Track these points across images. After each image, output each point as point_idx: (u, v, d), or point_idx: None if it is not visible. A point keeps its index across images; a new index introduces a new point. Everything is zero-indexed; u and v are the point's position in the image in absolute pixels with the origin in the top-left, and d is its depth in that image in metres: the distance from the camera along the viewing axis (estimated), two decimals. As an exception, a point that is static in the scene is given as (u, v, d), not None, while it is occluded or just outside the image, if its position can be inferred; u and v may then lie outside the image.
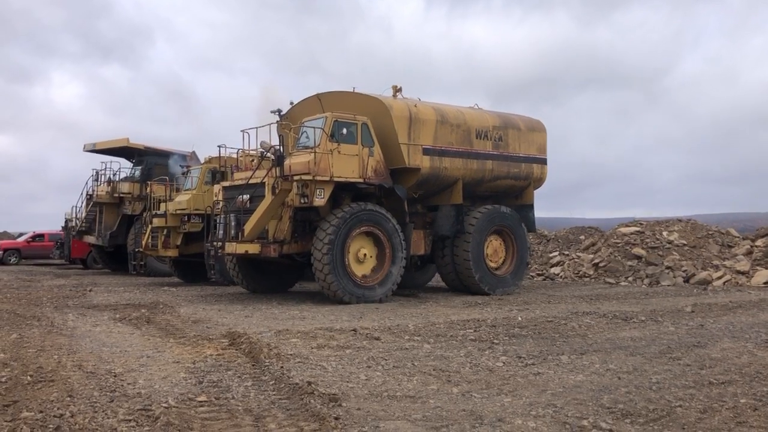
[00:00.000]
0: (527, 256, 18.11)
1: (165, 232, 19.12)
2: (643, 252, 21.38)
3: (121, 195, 24.67)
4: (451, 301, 14.75)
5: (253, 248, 14.23)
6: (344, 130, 14.51)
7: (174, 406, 5.53)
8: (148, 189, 21.28)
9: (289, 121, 15.36)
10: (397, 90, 16.45)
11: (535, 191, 18.49)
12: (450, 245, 16.53)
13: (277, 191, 13.92)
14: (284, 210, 14.49)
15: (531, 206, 18.33)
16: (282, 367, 7.09)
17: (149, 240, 19.25)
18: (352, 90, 16.07)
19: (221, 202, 15.43)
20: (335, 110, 14.92)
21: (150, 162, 25.05)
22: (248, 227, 14.20)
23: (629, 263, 21.28)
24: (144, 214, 21.07)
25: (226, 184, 15.90)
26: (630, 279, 20.53)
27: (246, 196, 14.55)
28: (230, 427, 5.07)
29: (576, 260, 23.12)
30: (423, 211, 17.02)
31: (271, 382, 6.49)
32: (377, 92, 16.09)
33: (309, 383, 6.27)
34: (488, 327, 10.34)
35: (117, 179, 25.19)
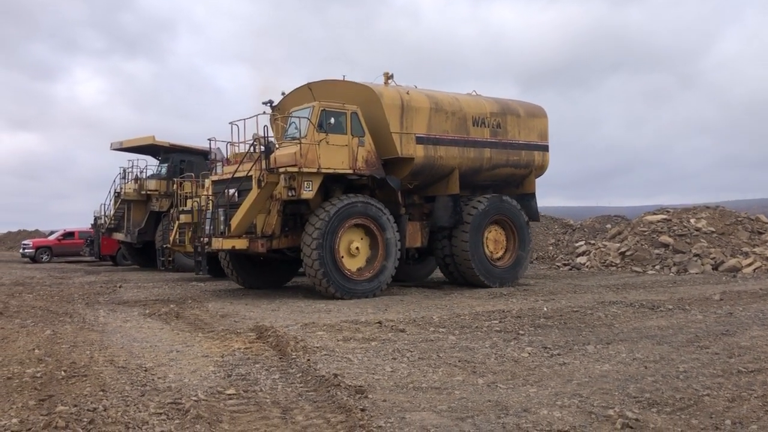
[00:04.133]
0: (530, 247, 17.52)
1: (192, 229, 19.34)
2: (670, 240, 21.15)
3: (148, 192, 24.99)
4: (476, 293, 14.74)
5: (241, 243, 13.84)
6: (332, 120, 14.05)
7: (203, 399, 5.63)
8: (175, 186, 21.52)
9: (280, 112, 15.03)
10: (388, 77, 15.93)
11: (537, 179, 17.91)
12: (448, 237, 16.07)
13: (263, 184, 13.46)
14: (272, 204, 14.09)
15: (533, 195, 17.81)
16: (308, 359, 7.18)
17: (176, 236, 19.47)
18: (342, 78, 15.53)
19: (210, 197, 15.06)
20: (327, 99, 14.50)
21: (175, 159, 25.34)
22: (234, 222, 13.81)
23: (656, 251, 21.07)
24: (171, 211, 21.33)
25: (215, 178, 15.49)
26: (657, 267, 20.33)
27: (232, 190, 14.18)
28: (258, 420, 5.15)
29: (602, 249, 22.93)
30: (420, 202, 16.62)
31: (298, 375, 6.57)
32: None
33: (335, 375, 6.34)
34: (513, 318, 10.34)
35: (144, 177, 25.52)
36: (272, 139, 14.23)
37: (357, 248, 14.14)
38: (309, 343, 8.07)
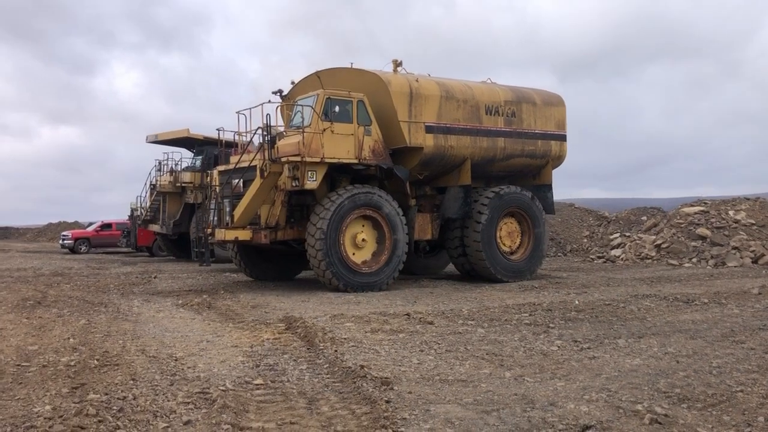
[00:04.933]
0: (545, 240, 16.82)
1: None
2: (707, 232, 20.71)
3: (183, 184, 25.30)
4: (506, 285, 14.64)
5: (244, 234, 13.63)
6: (337, 108, 13.73)
7: (231, 389, 5.69)
8: (209, 178, 21.75)
9: (289, 101, 14.78)
10: (397, 64, 15.45)
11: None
12: (460, 229, 15.63)
13: (265, 174, 13.16)
14: (277, 194, 13.76)
15: (549, 186, 17.17)
16: (336, 350, 7.20)
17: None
18: (350, 66, 15.20)
19: (216, 187, 14.79)
20: (335, 88, 14.19)
21: (209, 152, 25.61)
22: (238, 212, 13.57)
23: (693, 244, 20.66)
24: (204, 202, 21.56)
25: (221, 168, 15.15)
26: (694, 260, 19.94)
27: (237, 180, 13.96)
28: (284, 410, 5.19)
29: (637, 242, 22.56)
30: (431, 194, 16.18)
31: (325, 366, 6.60)
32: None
33: (362, 367, 6.36)
34: (544, 311, 10.24)
35: (179, 169, 25.85)
36: (278, 129, 13.95)
37: (363, 240, 13.85)
38: (337, 335, 8.10)
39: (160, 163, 26.61)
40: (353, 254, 13.71)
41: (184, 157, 26.84)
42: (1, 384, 5.94)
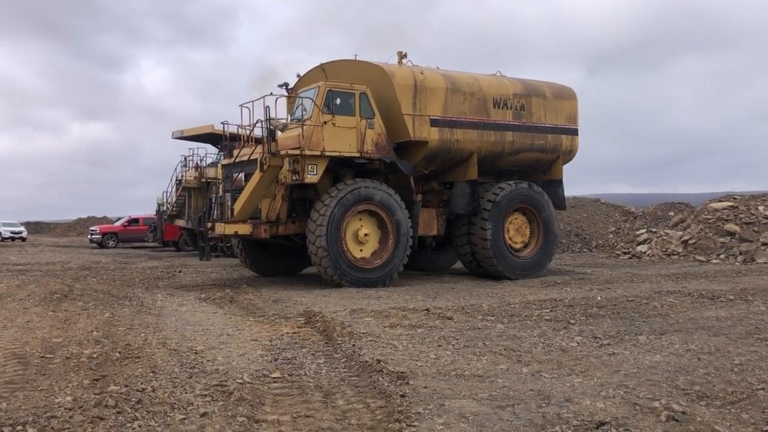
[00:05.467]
0: (556, 237, 16.52)
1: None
2: (736, 228, 20.36)
3: (208, 180, 25.54)
4: (529, 281, 14.56)
5: (244, 229, 13.50)
6: (338, 101, 13.48)
7: (248, 382, 5.75)
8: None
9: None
10: (402, 56, 15.19)
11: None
12: (467, 225, 15.34)
13: (265, 168, 13.00)
14: (278, 188, 13.61)
15: (560, 182, 16.88)
16: (354, 345, 7.23)
17: None
18: (354, 58, 15.00)
19: (219, 181, 14.62)
20: (339, 80, 13.99)
21: (233, 147, 25.78)
22: (237, 206, 13.46)
23: (721, 240, 20.34)
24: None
25: (225, 162, 15.00)
26: (722, 256, 19.63)
27: (239, 174, 13.88)
28: (300, 403, 5.23)
29: (664, 237, 22.27)
30: (439, 189, 15.95)
31: (342, 360, 6.63)
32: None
33: (378, 361, 6.37)
34: (565, 307, 10.17)
35: (204, 165, 26.11)
36: (278, 122, 13.82)
37: (365, 235, 13.64)
38: (355, 329, 8.13)
39: (185, 158, 26.92)
40: (356, 250, 13.55)
41: (209, 152, 27.11)
42: (25, 375, 6.07)
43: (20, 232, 45.30)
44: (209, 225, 14.09)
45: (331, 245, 12.97)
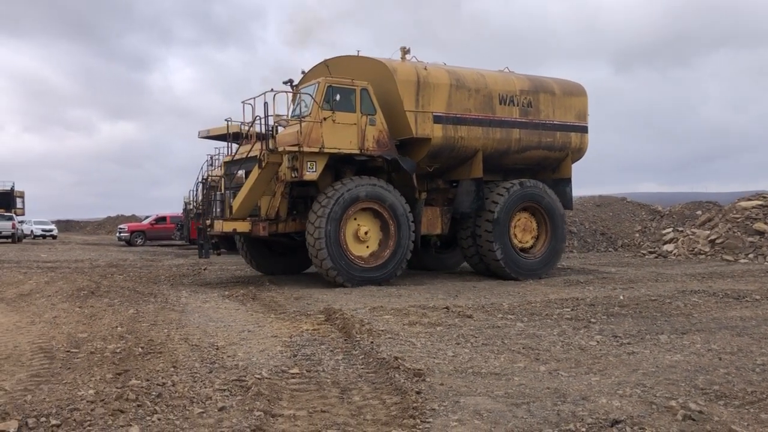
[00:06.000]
0: (564, 237, 16.12)
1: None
2: (765, 227, 20.03)
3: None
4: (552, 280, 14.49)
5: (242, 226, 13.36)
6: (338, 97, 13.27)
7: (266, 378, 5.83)
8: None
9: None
10: (405, 52, 14.77)
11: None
12: (472, 224, 15.02)
13: (263, 165, 12.77)
14: (277, 185, 13.39)
15: (568, 180, 16.44)
16: (372, 342, 7.28)
17: None
18: (356, 54, 14.77)
19: (221, 178, 14.53)
20: (342, 76, 13.75)
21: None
22: (236, 204, 13.30)
23: (750, 239, 20.01)
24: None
25: (227, 159, 14.77)
26: (751, 256, 19.31)
27: (241, 171, 13.72)
28: (317, 399, 5.29)
29: (691, 237, 21.98)
30: (444, 187, 15.65)
31: (360, 357, 6.68)
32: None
33: (396, 358, 6.41)
34: (587, 306, 10.11)
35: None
36: (279, 118, 13.66)
37: (366, 233, 13.45)
38: (375, 326, 8.18)
39: (211, 157, 27.15)
40: (356, 248, 13.37)
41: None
42: (51, 368, 6.23)
43: (51, 230, 46.21)
44: (208, 222, 13.94)
45: (330, 244, 12.82)
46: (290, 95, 14.45)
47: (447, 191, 15.67)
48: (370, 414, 4.90)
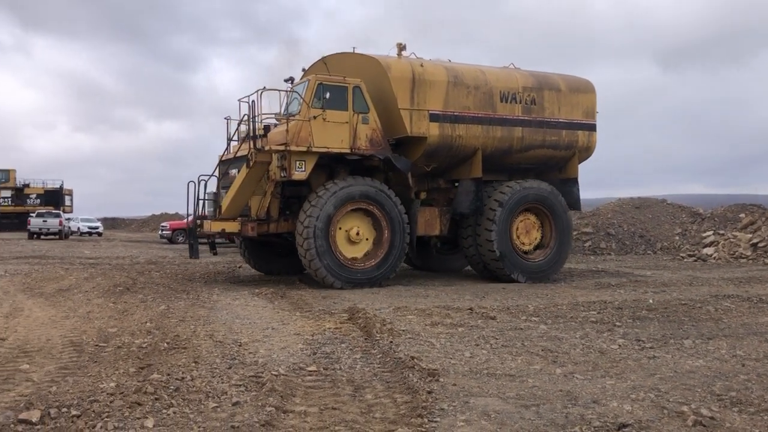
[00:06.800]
0: (570, 239, 15.60)
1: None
2: (810, 231, 19.47)
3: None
4: (582, 282, 14.35)
5: (231, 226, 13.24)
6: (328, 94, 12.96)
7: (283, 374, 5.95)
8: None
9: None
10: (401, 48, 14.34)
11: (582, 163, 15.92)
12: (473, 225, 14.62)
13: (251, 164, 12.57)
14: (268, 185, 13.14)
15: (575, 180, 15.95)
16: (392, 341, 7.35)
17: None
18: (352, 50, 14.46)
19: (216, 177, 14.33)
20: (340, 73, 13.45)
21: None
22: (225, 203, 13.17)
23: (793, 243, 19.48)
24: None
25: (226, 158, 14.41)
26: (794, 261, 18.80)
27: (234, 171, 13.53)
28: (329, 396, 5.38)
29: (732, 240, 21.49)
30: (446, 187, 15.32)
31: (378, 356, 6.76)
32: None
33: (412, 358, 6.47)
34: (614, 309, 10.00)
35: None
36: (268, 117, 13.43)
37: (358, 234, 13.23)
38: (396, 326, 8.25)
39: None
40: (348, 249, 13.15)
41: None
42: (78, 361, 6.46)
43: (97, 228, 47.45)
44: (198, 222, 13.80)
45: (320, 245, 12.61)
46: (290, 93, 14.11)
47: (448, 191, 15.36)
48: (379, 412, 4.97)
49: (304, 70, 15.27)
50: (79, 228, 46.64)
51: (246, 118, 12.95)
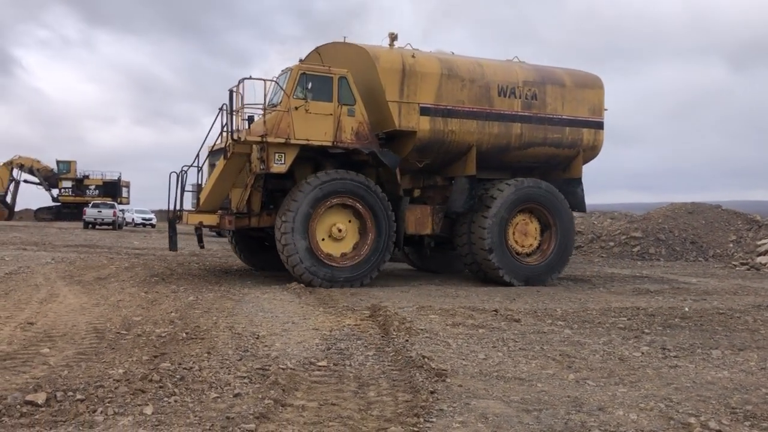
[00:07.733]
0: (572, 242, 14.87)
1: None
2: None
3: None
4: (620, 287, 13.97)
5: (210, 219, 12.91)
6: (310, 85, 12.49)
7: (290, 368, 5.97)
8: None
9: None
10: (393, 38, 13.85)
11: (588, 163, 15.14)
12: (468, 224, 13.96)
13: (228, 155, 12.22)
14: (249, 177, 12.76)
15: (579, 181, 15.14)
16: (407, 340, 7.30)
17: None
18: (343, 40, 14.04)
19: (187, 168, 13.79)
20: (333, 64, 13.02)
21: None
22: (203, 195, 12.82)
23: None
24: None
25: (217, 149, 13.76)
26: None
27: (207, 160, 13.30)
28: (332, 392, 5.38)
29: (787, 249, 20.62)
30: (443, 184, 14.66)
31: (391, 354, 6.72)
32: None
33: (423, 357, 6.41)
34: (645, 316, 9.71)
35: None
36: (243, 107, 12.84)
37: (340, 230, 12.75)
38: (415, 325, 8.18)
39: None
40: (329, 247, 12.72)
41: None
42: (97, 348, 6.63)
43: (150, 219, 48.66)
44: (179, 214, 13.50)
45: (298, 242, 12.20)
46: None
47: (445, 189, 14.64)
48: (377, 410, 4.94)
49: (301, 60, 14.51)
50: (133, 219, 47.95)
51: (224, 107, 12.47)
